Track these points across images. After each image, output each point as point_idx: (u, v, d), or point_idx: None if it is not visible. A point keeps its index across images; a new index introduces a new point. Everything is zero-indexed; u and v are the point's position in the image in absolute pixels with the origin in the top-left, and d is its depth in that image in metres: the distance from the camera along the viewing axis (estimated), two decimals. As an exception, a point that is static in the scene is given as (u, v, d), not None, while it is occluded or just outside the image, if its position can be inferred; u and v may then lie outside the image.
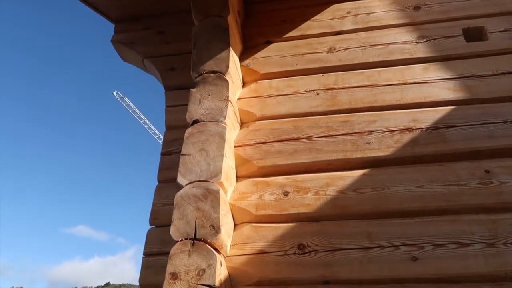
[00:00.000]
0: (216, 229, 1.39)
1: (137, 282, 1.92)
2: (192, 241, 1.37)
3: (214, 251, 1.35)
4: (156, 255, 1.91)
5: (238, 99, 1.95)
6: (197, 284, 1.29)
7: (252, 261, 1.49)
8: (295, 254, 1.48)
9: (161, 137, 2.56)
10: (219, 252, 1.40)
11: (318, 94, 1.89)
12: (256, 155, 1.74)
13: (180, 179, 1.51)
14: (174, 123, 2.23)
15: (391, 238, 1.44)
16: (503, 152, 1.57)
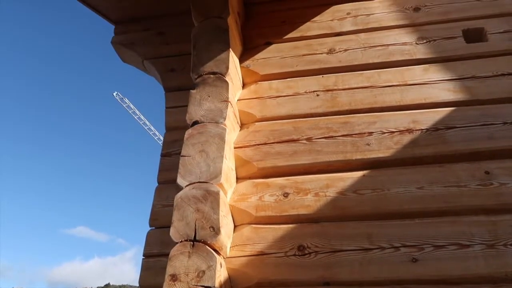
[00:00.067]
0: (216, 231, 1.39)
1: (137, 283, 1.92)
2: (192, 243, 1.37)
3: (214, 253, 1.35)
4: (156, 257, 1.91)
5: (238, 100, 1.95)
6: (197, 286, 1.29)
7: (252, 263, 1.49)
8: (295, 256, 1.47)
9: (161, 138, 2.56)
10: (219, 254, 1.40)
11: (318, 95, 1.89)
12: (256, 156, 1.74)
13: (180, 181, 1.51)
14: (174, 124, 2.23)
15: (391, 240, 1.44)
16: (503, 154, 1.57)
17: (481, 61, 1.83)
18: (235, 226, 1.62)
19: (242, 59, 2.10)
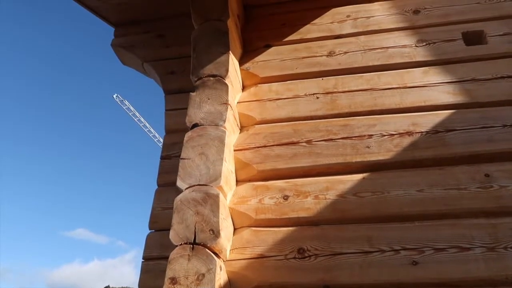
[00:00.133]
0: (216, 233, 1.38)
1: (137, 286, 1.92)
2: (192, 246, 1.36)
3: (214, 256, 1.35)
4: (156, 260, 1.91)
5: (238, 103, 1.95)
6: (197, 289, 1.28)
7: (252, 266, 1.48)
8: (295, 259, 1.47)
9: (161, 140, 2.56)
10: (219, 257, 1.39)
11: (318, 98, 1.89)
12: (256, 159, 1.74)
13: (180, 183, 1.51)
14: (174, 127, 2.23)
15: (391, 242, 1.44)
16: (503, 156, 1.56)
17: (481, 64, 1.83)
18: (235, 229, 1.62)
19: (242, 62, 2.10)
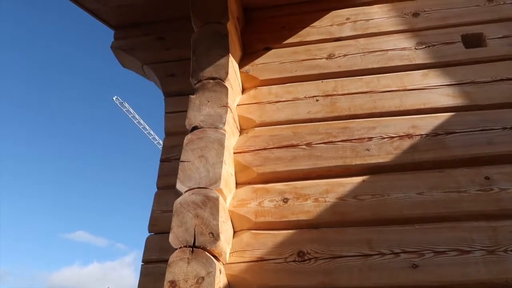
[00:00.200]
0: (215, 237, 1.38)
1: (136, 289, 1.91)
2: (191, 249, 1.36)
3: (213, 259, 1.35)
4: (155, 263, 1.91)
5: (238, 106, 1.95)
6: (196, 292, 1.28)
7: (252, 269, 1.48)
8: (295, 262, 1.47)
9: (161, 143, 2.56)
10: (218, 260, 1.39)
11: (318, 101, 1.89)
12: (256, 162, 1.74)
13: (179, 186, 1.51)
14: (174, 129, 2.23)
15: (391, 245, 1.43)
16: (503, 159, 1.56)
17: (480, 66, 1.83)
18: (235, 232, 1.61)
19: (242, 64, 2.10)
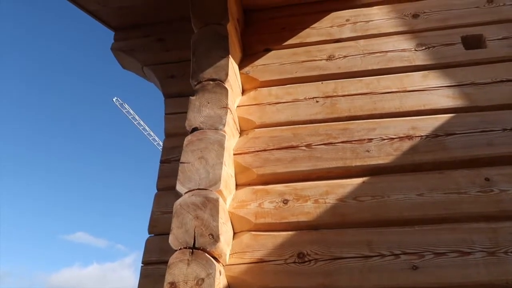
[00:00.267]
0: (215, 238, 1.38)
1: (136, 290, 1.91)
2: (191, 250, 1.36)
3: (213, 260, 1.34)
4: (155, 264, 1.90)
5: (238, 107, 1.95)
6: (196, 294, 1.28)
7: (252, 270, 1.48)
8: (295, 263, 1.47)
9: (161, 144, 2.56)
10: (218, 261, 1.39)
11: (318, 102, 1.89)
12: (256, 163, 1.74)
13: (179, 187, 1.51)
14: (174, 131, 2.23)
15: (391, 247, 1.43)
16: (503, 160, 1.56)
17: (480, 68, 1.83)
18: (235, 233, 1.61)
19: (242, 66, 2.10)
